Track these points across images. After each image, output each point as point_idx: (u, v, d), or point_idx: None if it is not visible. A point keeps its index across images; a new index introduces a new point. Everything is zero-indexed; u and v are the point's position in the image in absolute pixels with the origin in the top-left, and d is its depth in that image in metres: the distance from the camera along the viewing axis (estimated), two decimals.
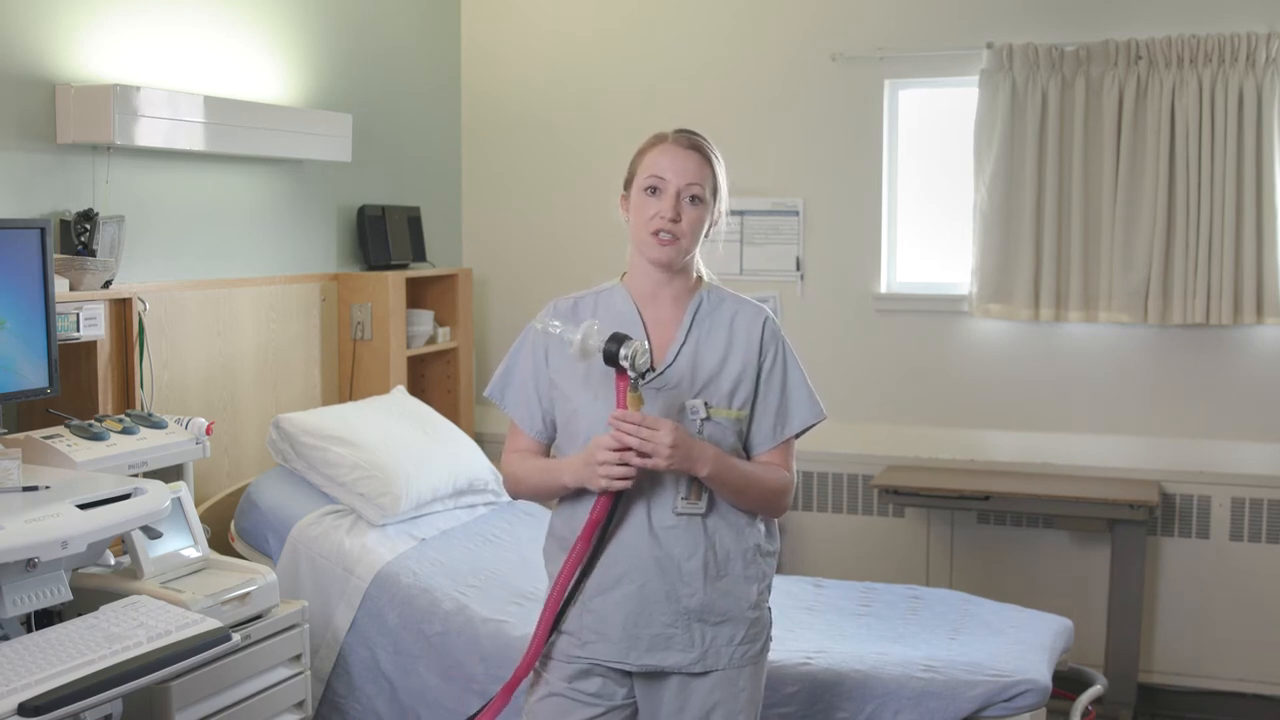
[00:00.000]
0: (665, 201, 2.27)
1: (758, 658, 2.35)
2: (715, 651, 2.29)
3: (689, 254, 2.34)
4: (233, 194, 3.92)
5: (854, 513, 4.79)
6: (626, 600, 2.27)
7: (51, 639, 2.21)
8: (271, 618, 2.91)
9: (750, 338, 2.35)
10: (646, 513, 2.26)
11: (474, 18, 5.18)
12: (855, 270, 4.77)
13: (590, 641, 2.29)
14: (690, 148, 2.31)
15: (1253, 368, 4.38)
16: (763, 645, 2.37)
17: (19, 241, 2.80)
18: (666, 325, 2.34)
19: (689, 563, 2.26)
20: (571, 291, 2.44)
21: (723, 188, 2.36)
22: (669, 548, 2.26)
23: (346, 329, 4.39)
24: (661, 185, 2.28)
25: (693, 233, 2.30)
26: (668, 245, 2.28)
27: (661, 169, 2.29)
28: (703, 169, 2.30)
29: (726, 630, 2.30)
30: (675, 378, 2.29)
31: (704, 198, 2.30)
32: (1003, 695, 2.99)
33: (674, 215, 2.27)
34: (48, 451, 2.84)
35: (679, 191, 2.28)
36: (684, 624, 2.27)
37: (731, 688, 2.30)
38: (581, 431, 2.30)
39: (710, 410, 2.27)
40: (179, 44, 3.66)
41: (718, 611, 2.28)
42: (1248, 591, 4.39)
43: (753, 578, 2.32)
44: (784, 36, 4.80)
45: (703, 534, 2.27)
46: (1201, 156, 4.24)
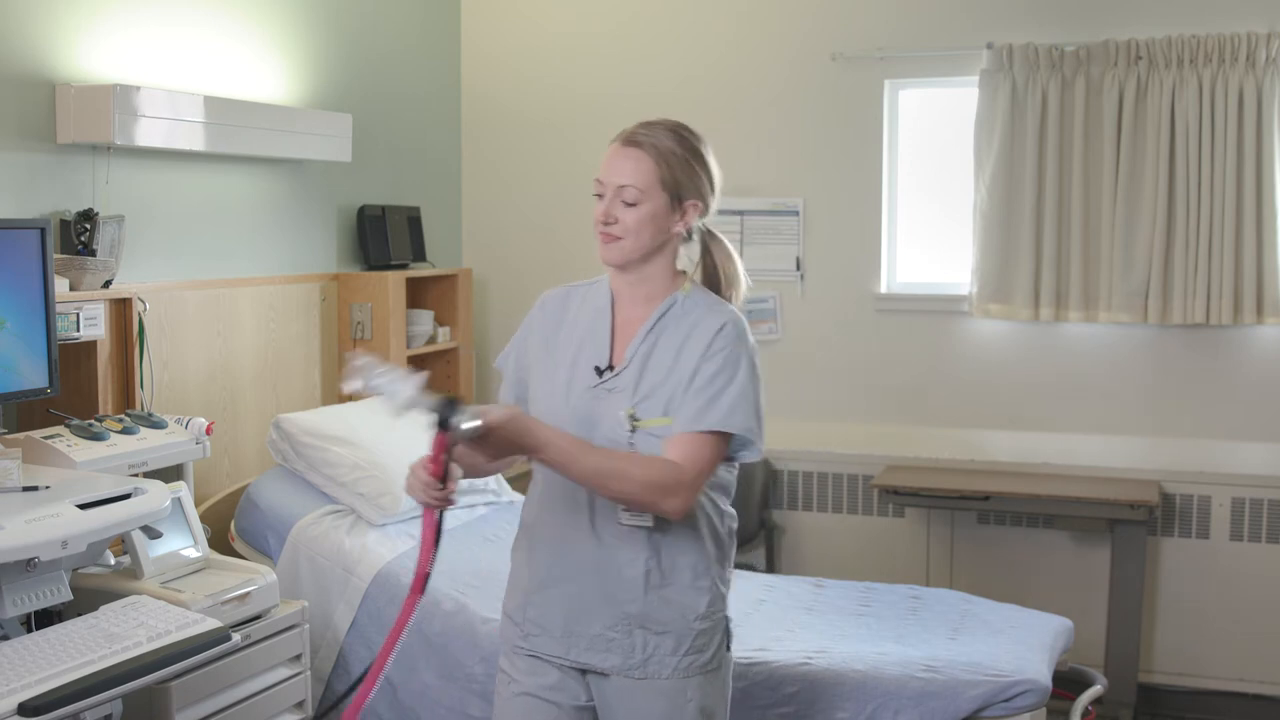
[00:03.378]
0: (603, 203, 2.24)
1: (707, 667, 2.27)
2: (659, 660, 2.23)
3: (638, 253, 2.25)
4: (233, 194, 3.92)
5: (854, 513, 4.79)
6: (565, 599, 2.25)
7: (51, 639, 2.21)
8: (271, 618, 2.91)
9: (700, 343, 2.23)
10: (590, 517, 2.23)
11: (474, 18, 5.18)
12: (855, 270, 4.77)
13: (533, 634, 2.29)
14: (628, 145, 2.24)
15: (1253, 368, 4.38)
16: (714, 654, 2.28)
17: (19, 241, 2.80)
18: (631, 326, 2.29)
19: (629, 569, 2.22)
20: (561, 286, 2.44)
21: (684, 179, 2.24)
22: (611, 553, 2.22)
23: (346, 329, 4.39)
24: (600, 189, 2.25)
25: (635, 233, 2.22)
26: (608, 243, 2.24)
27: (602, 172, 2.25)
28: (639, 166, 2.21)
29: (670, 640, 2.23)
30: (623, 382, 2.24)
31: (638, 199, 2.21)
32: (1003, 695, 2.99)
33: (604, 217, 2.23)
34: (48, 451, 2.84)
35: (613, 194, 2.23)
36: (624, 629, 2.23)
37: (679, 697, 2.24)
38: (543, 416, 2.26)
39: (637, 423, 2.20)
40: (179, 44, 3.66)
41: (660, 621, 2.22)
42: (1248, 591, 4.39)
43: (703, 589, 2.24)
44: (784, 36, 4.80)
45: (647, 544, 2.21)
46: (1201, 156, 4.24)
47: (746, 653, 3.19)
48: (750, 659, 3.15)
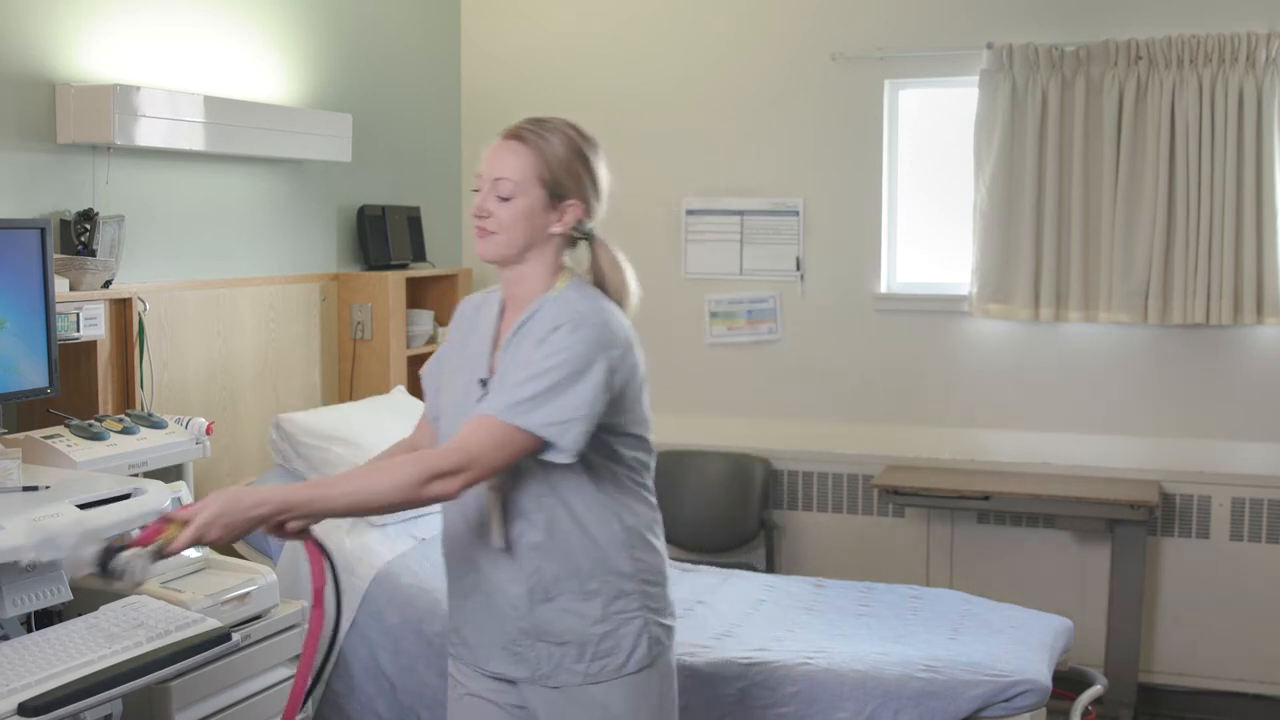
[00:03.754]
0: (479, 196, 2.18)
1: (623, 670, 2.18)
2: (565, 669, 2.18)
3: (513, 249, 2.17)
4: (233, 194, 3.92)
5: (854, 513, 4.79)
6: (475, 611, 2.25)
7: (51, 639, 2.20)
8: (271, 618, 2.90)
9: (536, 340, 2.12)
10: (470, 538, 2.22)
11: (474, 18, 5.18)
12: (855, 270, 4.77)
13: (456, 644, 2.31)
14: (510, 139, 2.18)
15: (1253, 368, 4.38)
16: (628, 657, 2.18)
17: (19, 241, 2.80)
18: (508, 333, 2.22)
19: (512, 586, 2.17)
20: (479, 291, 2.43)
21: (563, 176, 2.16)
22: (492, 572, 2.20)
23: (346, 329, 4.39)
24: (478, 182, 2.19)
25: (510, 228, 2.15)
26: (481, 238, 2.18)
27: (481, 164, 2.19)
28: (518, 159, 2.15)
29: (572, 649, 2.17)
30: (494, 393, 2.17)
31: (513, 193, 2.14)
32: (1003, 695, 2.99)
33: (477, 210, 2.17)
34: (48, 451, 2.83)
35: (489, 187, 2.17)
36: (525, 643, 2.19)
37: (600, 712, 2.19)
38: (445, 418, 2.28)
39: None
40: (179, 44, 3.66)
41: (556, 633, 2.17)
42: (1248, 591, 4.39)
43: (594, 593, 2.16)
44: (784, 36, 4.80)
45: (524, 560, 2.16)
46: (1201, 156, 4.24)
47: (746, 653, 3.19)
48: (750, 659, 3.15)
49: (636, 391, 2.20)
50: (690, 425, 4.92)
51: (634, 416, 2.20)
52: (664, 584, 2.26)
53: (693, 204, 4.93)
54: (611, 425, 2.15)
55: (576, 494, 2.17)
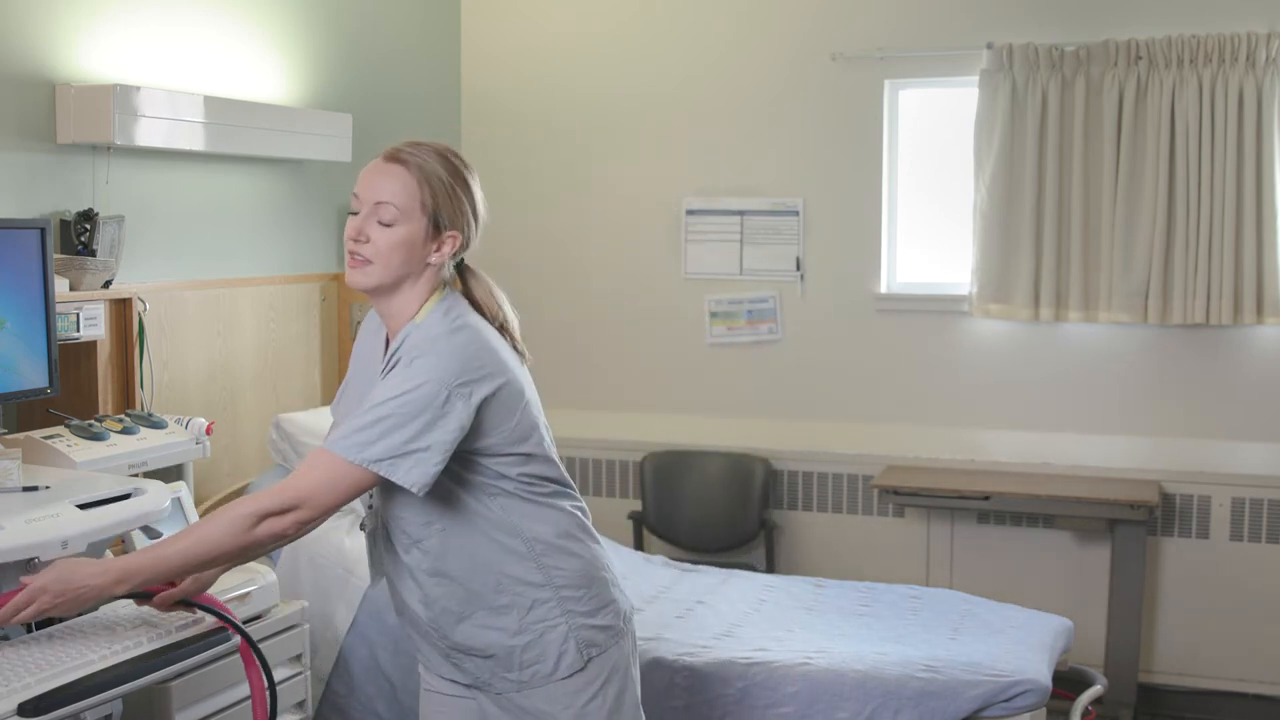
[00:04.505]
0: (356, 220, 2.08)
1: (554, 676, 2.15)
2: (498, 678, 2.18)
3: (385, 279, 2.08)
4: (233, 194, 3.92)
5: (854, 513, 4.79)
6: (407, 625, 2.28)
7: (51, 639, 2.20)
8: (271, 618, 2.91)
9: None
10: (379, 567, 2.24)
11: (474, 18, 5.18)
12: (855, 270, 4.77)
13: (414, 646, 2.33)
14: (392, 161, 2.10)
15: (1253, 368, 4.38)
16: (557, 663, 2.15)
17: (19, 241, 2.80)
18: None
19: (426, 611, 2.18)
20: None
21: (445, 205, 2.10)
22: (406, 598, 2.21)
23: (346, 329, 4.39)
24: (356, 205, 2.10)
25: (386, 256, 2.05)
26: (355, 267, 2.07)
27: (359, 185, 2.10)
28: (402, 185, 2.07)
29: (500, 661, 2.17)
30: None
31: (396, 219, 2.05)
32: (1003, 695, 3.00)
33: (355, 234, 2.06)
34: (48, 451, 2.83)
35: (369, 210, 2.07)
36: (458, 656, 2.20)
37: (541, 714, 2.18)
38: None
39: None
40: (179, 44, 3.66)
41: (479, 649, 2.17)
42: (1248, 591, 4.39)
43: (506, 608, 2.14)
44: (784, 36, 4.80)
45: (428, 586, 2.15)
46: (1201, 156, 4.24)
47: (746, 652, 3.20)
48: (750, 659, 3.15)
49: (508, 411, 2.10)
50: (690, 425, 4.92)
51: (509, 436, 2.11)
52: (590, 585, 2.19)
53: (693, 204, 4.93)
54: (481, 449, 2.08)
55: (463, 517, 2.12)
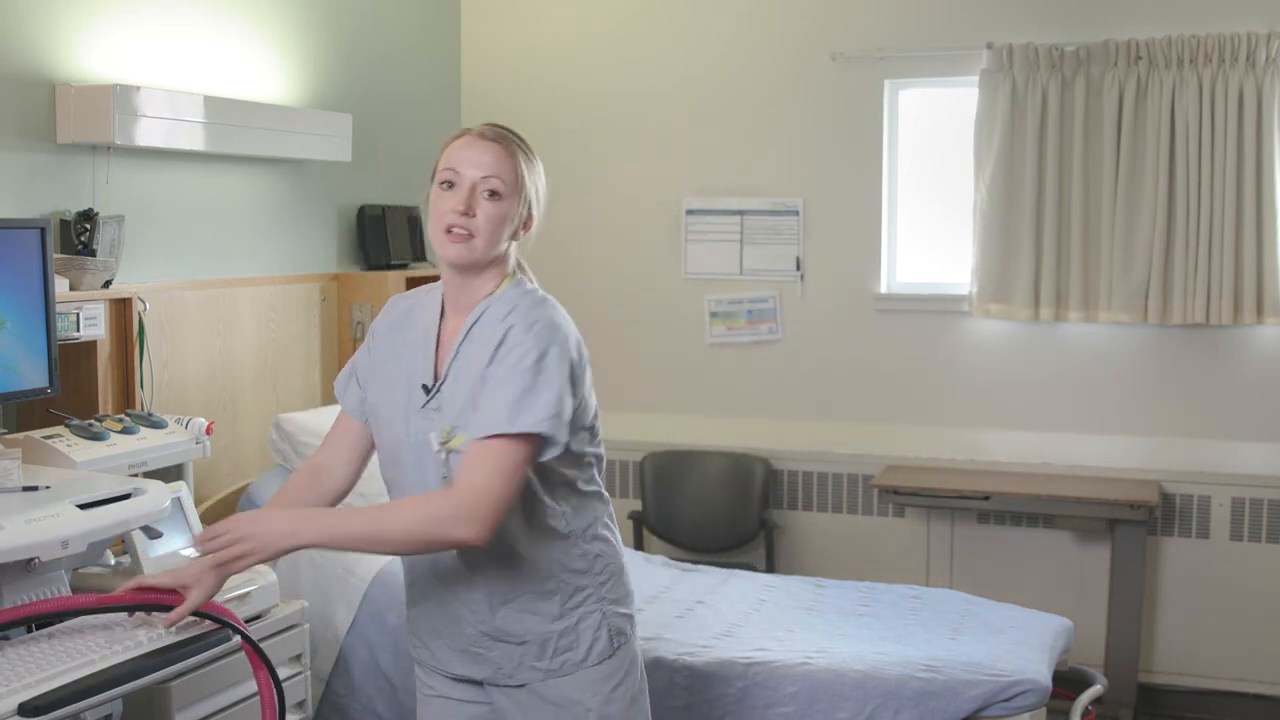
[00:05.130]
0: (459, 195, 2.09)
1: (585, 664, 2.19)
2: (527, 668, 2.18)
3: (487, 254, 2.11)
4: (233, 194, 3.92)
5: (854, 513, 4.79)
6: (432, 615, 2.24)
7: (52, 639, 2.20)
8: (271, 618, 2.91)
9: (489, 345, 2.09)
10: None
11: (474, 18, 5.18)
12: (855, 270, 4.77)
13: (416, 646, 2.30)
14: (492, 140, 2.13)
15: (1253, 368, 4.38)
16: (589, 650, 2.19)
17: (19, 241, 2.80)
18: (455, 336, 2.16)
19: (470, 592, 2.18)
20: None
21: (531, 187, 2.15)
22: (450, 577, 2.19)
23: (346, 329, 4.39)
24: (456, 179, 2.10)
25: (490, 229, 2.10)
26: (459, 243, 2.09)
27: (457, 161, 2.11)
28: (503, 162, 2.11)
29: (532, 648, 2.17)
30: (446, 399, 2.13)
31: (502, 192, 2.10)
32: (1003, 695, 2.99)
33: (465, 209, 2.09)
34: (48, 451, 2.83)
35: (474, 184, 2.09)
36: (485, 644, 2.19)
37: (575, 709, 2.20)
38: (381, 434, 2.23)
39: (448, 443, 2.09)
40: (179, 44, 3.66)
41: (515, 633, 2.17)
42: (1248, 591, 4.39)
43: (552, 593, 2.17)
44: (784, 36, 4.80)
45: (478, 569, 2.15)
46: (1201, 156, 4.24)
47: (746, 652, 3.20)
48: (750, 659, 3.15)
49: (588, 384, 2.18)
50: (690, 425, 4.92)
51: (587, 407, 2.17)
52: (619, 574, 2.26)
53: (693, 204, 4.93)
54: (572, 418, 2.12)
55: (533, 497, 2.14)
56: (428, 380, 2.16)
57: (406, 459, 2.18)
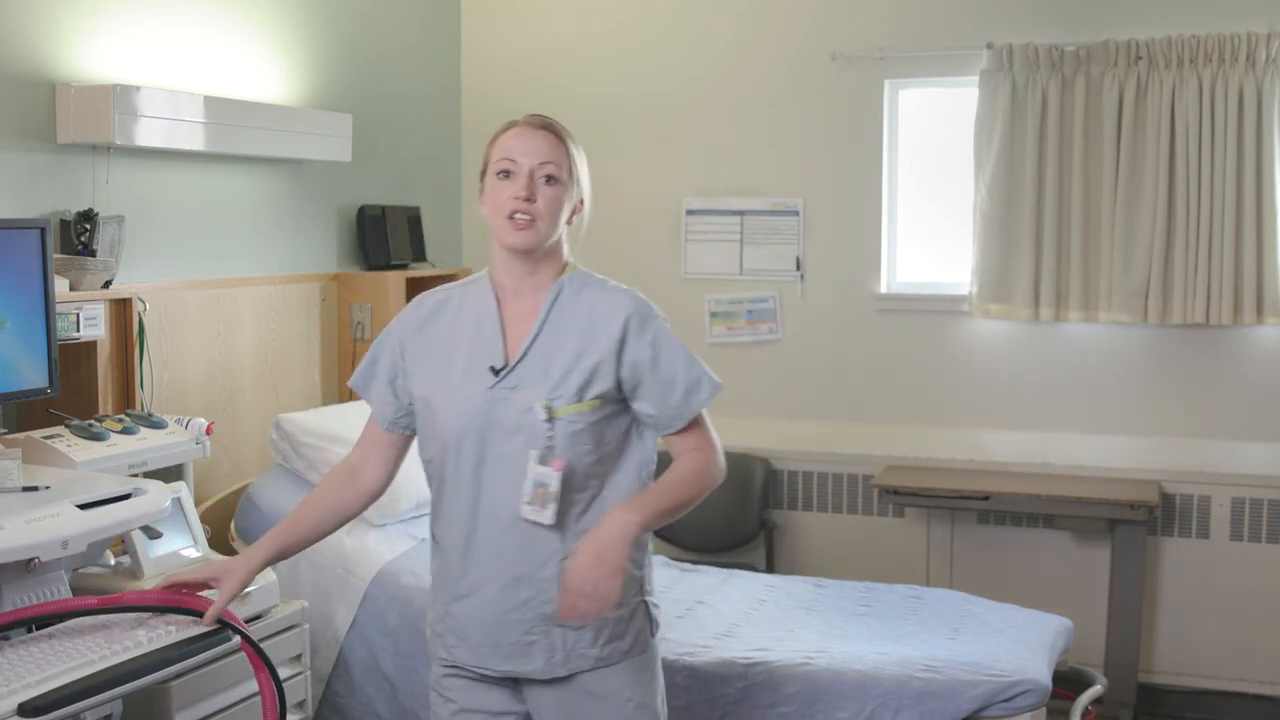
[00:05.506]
0: (519, 182, 2.18)
1: (631, 652, 2.25)
2: (579, 654, 2.21)
3: (549, 238, 2.21)
4: (233, 194, 3.92)
5: (854, 513, 4.79)
6: (482, 607, 2.23)
7: (51, 639, 2.20)
8: (271, 618, 2.91)
9: (610, 328, 2.20)
10: (502, 520, 2.21)
11: (474, 18, 5.18)
12: (855, 270, 4.77)
13: (454, 646, 2.27)
14: (543, 127, 2.23)
15: (1253, 368, 4.38)
16: (635, 639, 2.26)
17: (19, 241, 2.80)
18: (524, 319, 2.24)
19: (544, 571, 2.19)
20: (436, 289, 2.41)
21: (581, 172, 2.27)
22: (522, 557, 2.20)
23: (346, 329, 4.39)
24: (514, 167, 2.19)
25: (551, 214, 2.19)
26: (525, 229, 2.17)
27: (512, 151, 2.20)
28: (556, 149, 2.22)
29: (588, 633, 2.21)
30: (526, 377, 2.20)
31: (559, 177, 2.20)
32: (1003, 695, 2.99)
33: (528, 195, 2.17)
34: (48, 451, 2.83)
35: (532, 171, 2.18)
36: (542, 630, 2.20)
37: (615, 698, 2.23)
38: (438, 430, 2.23)
39: (554, 411, 2.17)
40: (179, 44, 3.66)
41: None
42: (1248, 591, 4.39)
43: None
44: (784, 36, 4.80)
45: (558, 543, 2.18)
46: (1201, 156, 4.24)
47: (746, 653, 3.19)
48: (750, 659, 3.15)
49: None
50: None
51: None
52: (651, 566, 2.35)
53: (693, 204, 4.93)
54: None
55: (614, 476, 2.24)
56: (496, 363, 2.21)
57: (469, 443, 2.20)
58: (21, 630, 2.24)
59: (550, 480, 2.16)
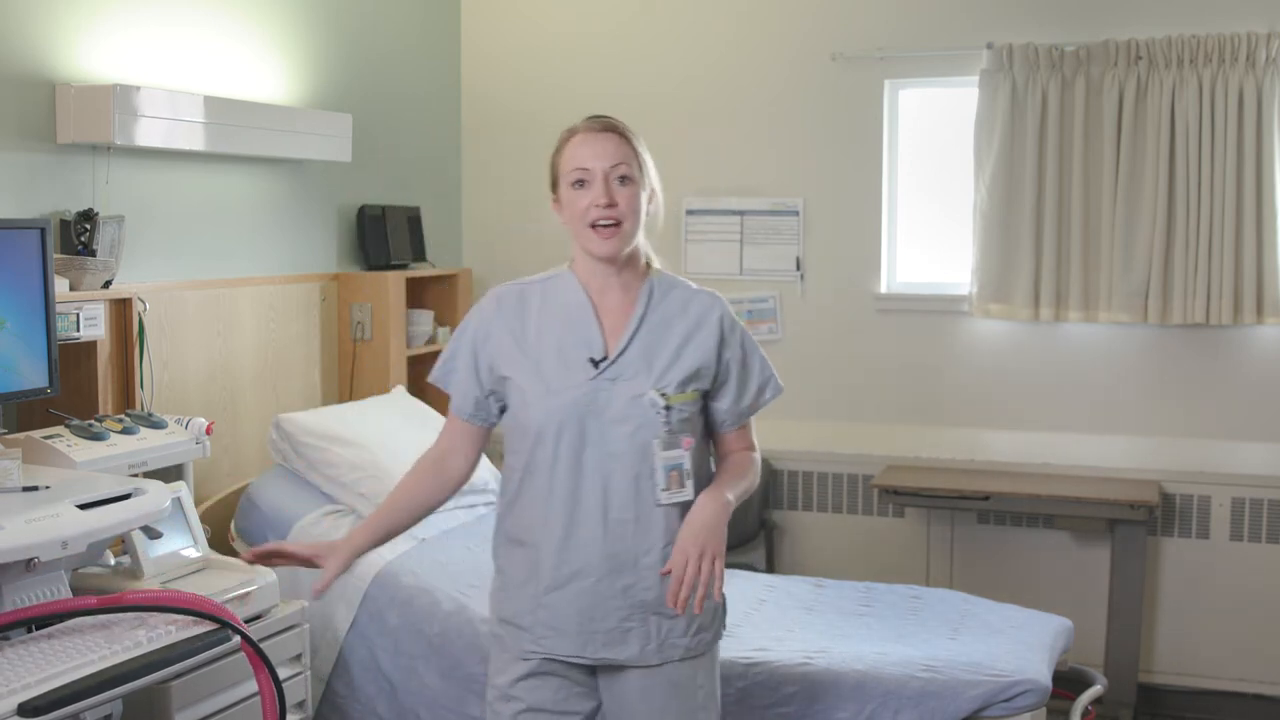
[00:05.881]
0: (595, 189, 2.22)
1: (711, 645, 2.36)
2: (671, 643, 2.29)
3: (635, 237, 2.27)
4: (233, 194, 3.92)
5: (854, 513, 4.79)
6: (580, 596, 2.26)
7: (51, 639, 2.21)
8: (271, 618, 2.91)
9: (709, 326, 2.32)
10: (603, 507, 2.25)
11: (474, 18, 5.18)
12: (855, 270, 4.77)
13: (545, 637, 2.29)
14: (605, 130, 2.26)
15: (1253, 368, 4.38)
16: (715, 632, 2.37)
17: (19, 241, 2.80)
18: (617, 313, 2.29)
19: (646, 558, 2.26)
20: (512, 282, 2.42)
21: (650, 166, 2.30)
22: (626, 544, 2.25)
23: (346, 329, 4.39)
24: (588, 175, 2.23)
25: (632, 213, 2.24)
26: (610, 236, 2.23)
27: (582, 159, 2.23)
28: (623, 148, 2.25)
29: (681, 622, 2.29)
30: (629, 368, 2.26)
31: (632, 175, 2.24)
32: (1003, 695, 2.99)
33: (608, 200, 2.21)
34: (48, 451, 2.84)
35: (606, 175, 2.22)
36: (639, 617, 2.27)
37: (689, 684, 2.30)
38: (533, 422, 2.27)
39: (669, 399, 2.26)
40: (179, 44, 3.66)
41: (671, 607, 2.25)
42: (1248, 591, 4.39)
43: None
44: (784, 36, 4.80)
45: (663, 529, 2.25)
46: (1201, 156, 4.24)
47: (746, 653, 3.19)
48: (750, 659, 3.15)
49: None
50: None
51: None
52: None
53: (693, 204, 4.93)
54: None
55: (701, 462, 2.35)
56: (595, 354, 2.26)
57: (568, 432, 2.25)
58: (21, 630, 2.24)
59: (683, 460, 2.26)
